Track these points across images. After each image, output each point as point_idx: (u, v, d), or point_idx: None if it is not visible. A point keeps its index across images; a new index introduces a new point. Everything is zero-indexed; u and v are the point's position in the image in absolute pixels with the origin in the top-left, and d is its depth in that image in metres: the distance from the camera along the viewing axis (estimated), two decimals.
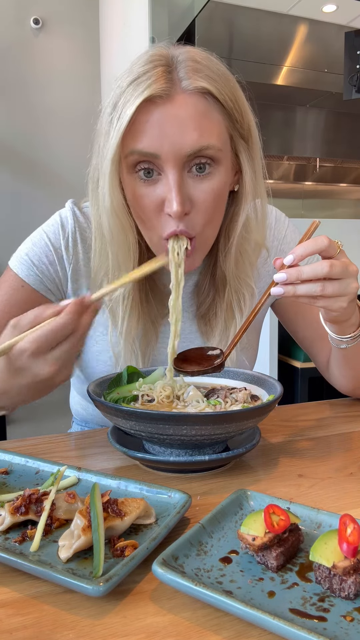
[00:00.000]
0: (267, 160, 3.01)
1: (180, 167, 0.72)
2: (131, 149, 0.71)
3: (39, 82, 2.81)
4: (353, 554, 0.44)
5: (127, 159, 0.72)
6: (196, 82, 0.70)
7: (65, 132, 2.75)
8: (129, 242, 0.78)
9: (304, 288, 0.67)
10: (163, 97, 0.69)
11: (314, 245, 0.67)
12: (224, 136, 0.75)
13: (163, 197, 0.73)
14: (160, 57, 0.72)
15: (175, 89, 0.70)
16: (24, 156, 2.80)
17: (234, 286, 0.87)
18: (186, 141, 0.70)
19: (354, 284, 0.70)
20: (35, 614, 0.43)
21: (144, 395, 0.76)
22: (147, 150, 0.70)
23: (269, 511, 0.48)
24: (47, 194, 2.78)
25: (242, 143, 0.77)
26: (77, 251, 0.89)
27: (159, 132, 0.69)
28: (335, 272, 0.66)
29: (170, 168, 0.71)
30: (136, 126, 0.70)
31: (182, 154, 0.70)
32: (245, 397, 0.74)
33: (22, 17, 2.76)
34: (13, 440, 0.82)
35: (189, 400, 0.74)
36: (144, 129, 0.70)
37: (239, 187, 0.81)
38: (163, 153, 0.70)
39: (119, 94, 0.72)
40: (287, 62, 2.86)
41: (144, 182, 0.73)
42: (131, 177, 0.74)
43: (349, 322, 0.78)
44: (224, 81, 0.73)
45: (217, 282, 0.89)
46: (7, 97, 2.76)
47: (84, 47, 2.90)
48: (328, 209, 3.48)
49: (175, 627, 0.41)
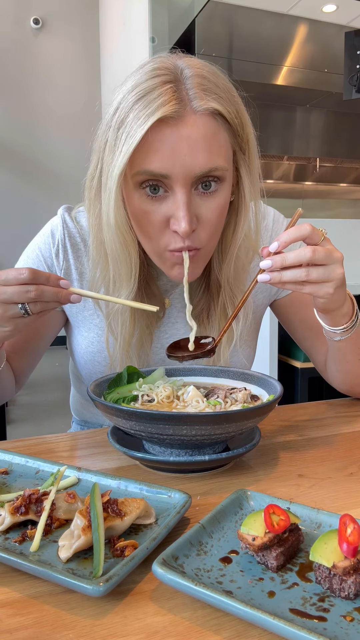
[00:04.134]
0: (267, 160, 3.02)
1: (189, 187, 0.72)
2: (142, 169, 0.71)
3: (39, 82, 2.81)
4: (353, 554, 0.44)
5: (135, 177, 0.73)
6: (207, 103, 0.70)
7: (65, 132, 2.75)
8: (131, 256, 0.79)
9: (289, 274, 0.69)
10: (175, 118, 0.69)
11: (297, 232, 0.69)
12: (229, 154, 0.76)
13: (169, 214, 0.74)
14: (165, 70, 0.72)
15: (186, 109, 0.70)
16: (24, 156, 2.80)
17: (228, 291, 0.88)
18: (197, 163, 0.70)
19: (338, 269, 0.71)
20: (35, 614, 0.43)
21: (144, 395, 0.76)
22: (158, 171, 0.71)
23: (269, 511, 0.48)
24: (47, 194, 2.78)
25: (242, 156, 0.78)
26: (67, 257, 0.91)
27: (171, 153, 0.70)
28: (318, 258, 0.68)
29: (179, 187, 0.72)
30: (147, 146, 0.70)
31: (192, 175, 0.71)
32: (245, 397, 0.74)
33: (22, 17, 2.76)
34: (13, 440, 0.82)
35: (189, 401, 0.74)
36: (155, 149, 0.70)
37: (235, 199, 0.82)
38: (174, 174, 0.71)
39: (126, 109, 0.71)
40: (287, 62, 2.86)
41: (150, 198, 0.74)
42: (137, 193, 0.74)
43: (340, 311, 0.78)
44: (230, 98, 0.74)
45: (211, 288, 0.90)
46: (7, 97, 2.76)
47: (84, 47, 2.90)
48: (328, 209, 3.48)
49: (175, 627, 0.41)
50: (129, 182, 0.74)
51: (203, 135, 0.70)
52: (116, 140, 0.72)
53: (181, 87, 0.71)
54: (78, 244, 0.91)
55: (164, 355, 0.92)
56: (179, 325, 0.93)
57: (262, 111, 3.29)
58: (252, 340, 1.02)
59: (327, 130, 3.39)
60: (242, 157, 0.78)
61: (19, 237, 0.96)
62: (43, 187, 2.80)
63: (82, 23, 2.89)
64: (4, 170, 2.78)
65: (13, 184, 2.79)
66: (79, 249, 0.91)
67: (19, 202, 2.80)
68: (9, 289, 0.67)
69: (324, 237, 0.71)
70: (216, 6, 2.37)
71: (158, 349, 0.93)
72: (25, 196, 2.80)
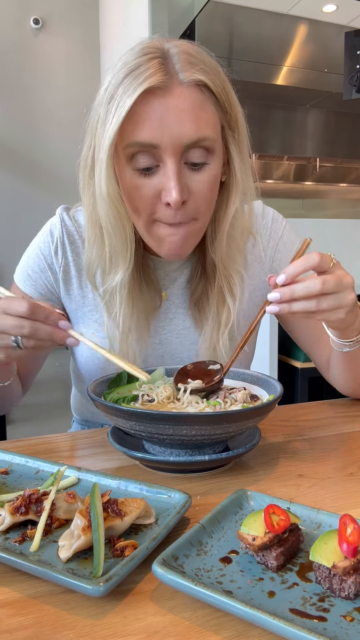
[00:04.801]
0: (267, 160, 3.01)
1: (179, 158, 0.73)
2: (132, 140, 0.72)
3: (39, 82, 2.81)
4: (353, 554, 0.44)
5: (126, 150, 0.74)
6: (193, 74, 0.72)
7: (65, 132, 2.75)
8: (125, 231, 0.80)
9: (299, 305, 0.68)
10: (162, 89, 0.71)
11: (304, 263, 0.68)
12: (218, 128, 0.77)
13: (160, 188, 0.74)
14: (153, 49, 0.73)
15: (172, 80, 0.71)
16: (24, 156, 2.80)
17: (224, 272, 0.88)
18: (185, 132, 0.72)
19: (350, 295, 0.70)
20: (35, 614, 0.43)
21: (144, 395, 0.76)
22: (147, 141, 0.72)
23: (269, 511, 0.48)
24: (46, 194, 2.78)
25: (231, 134, 0.79)
26: (66, 254, 0.92)
27: (159, 122, 0.71)
28: (328, 288, 0.67)
29: (168, 158, 0.73)
30: (135, 117, 0.71)
31: (181, 145, 0.72)
32: (244, 397, 0.74)
33: (22, 17, 2.76)
34: (13, 440, 0.82)
35: (187, 400, 0.74)
36: (143, 120, 0.71)
37: (227, 178, 0.83)
38: (162, 143, 0.72)
39: (115, 84, 0.73)
40: (287, 62, 2.86)
41: (140, 172, 0.75)
42: (128, 167, 0.75)
43: (351, 327, 0.79)
44: (216, 74, 0.75)
45: (207, 271, 0.90)
46: (7, 97, 2.76)
47: (84, 47, 2.90)
48: (328, 209, 3.48)
49: (175, 627, 0.41)
50: (121, 156, 0.74)
51: (190, 105, 0.72)
52: (107, 114, 0.73)
53: (168, 61, 0.72)
54: (76, 241, 0.92)
55: (163, 351, 0.93)
56: (177, 321, 0.94)
57: (262, 111, 3.30)
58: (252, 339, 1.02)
59: (327, 130, 3.39)
60: (231, 134, 0.79)
61: (19, 237, 0.96)
62: (43, 187, 2.80)
63: (82, 23, 2.89)
64: (3, 170, 2.78)
65: (13, 184, 2.79)
66: (77, 246, 0.92)
67: (19, 202, 2.80)
68: (7, 320, 0.68)
69: (333, 263, 0.70)
70: (216, 6, 2.37)
71: (156, 345, 0.93)
72: (26, 196, 2.80)
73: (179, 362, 0.91)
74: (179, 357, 0.93)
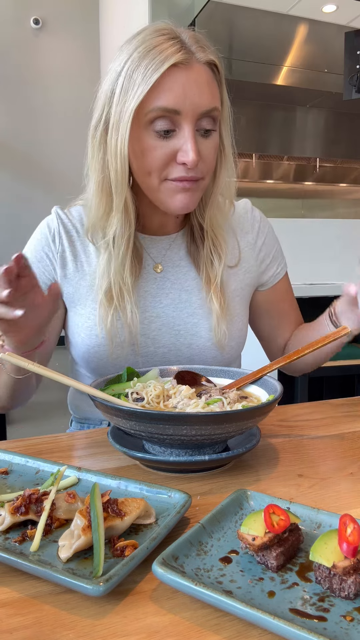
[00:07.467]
0: (267, 160, 3.01)
1: (194, 124, 0.84)
2: (156, 106, 0.82)
3: (39, 82, 2.81)
4: (353, 554, 0.44)
5: (148, 115, 0.83)
6: (207, 56, 0.85)
7: (65, 132, 2.75)
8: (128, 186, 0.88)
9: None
10: (185, 64, 0.82)
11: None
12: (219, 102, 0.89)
13: (176, 149, 0.84)
14: (168, 30, 0.84)
15: (192, 58, 0.83)
16: (24, 156, 2.80)
17: (211, 234, 1.00)
18: (203, 101, 0.83)
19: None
20: (35, 614, 0.43)
21: (133, 393, 0.76)
22: (171, 107, 0.82)
23: (269, 511, 0.48)
24: (47, 194, 2.78)
25: (221, 109, 0.90)
26: (62, 242, 1.00)
27: (182, 92, 0.82)
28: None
29: (187, 123, 0.83)
30: (161, 86, 0.81)
31: (198, 112, 0.83)
32: (236, 398, 0.74)
33: (22, 17, 2.76)
34: (13, 440, 0.82)
35: (181, 399, 0.74)
36: (169, 88, 0.82)
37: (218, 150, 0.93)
38: (184, 110, 0.82)
39: (137, 58, 0.82)
40: (287, 62, 2.86)
41: (158, 135, 0.84)
42: (146, 131, 0.84)
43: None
44: (218, 57, 0.89)
45: (195, 236, 1.02)
46: (7, 97, 2.76)
47: (84, 47, 2.90)
48: (328, 209, 3.48)
49: (175, 627, 0.41)
50: (140, 121, 0.83)
51: (206, 81, 0.85)
52: (131, 83, 0.82)
53: (185, 42, 0.84)
54: (70, 230, 1.01)
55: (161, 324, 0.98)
56: (173, 295, 1.00)
57: (262, 111, 3.30)
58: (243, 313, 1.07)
59: (327, 130, 3.39)
60: (222, 110, 0.90)
61: (18, 237, 0.97)
62: (43, 186, 2.80)
63: (82, 23, 2.89)
64: (4, 170, 2.78)
65: (13, 184, 2.80)
66: (72, 235, 1.01)
67: (19, 201, 2.80)
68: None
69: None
70: (216, 6, 2.37)
71: (153, 318, 0.98)
72: (25, 196, 2.80)
73: (177, 335, 0.98)
74: (175, 329, 0.99)
